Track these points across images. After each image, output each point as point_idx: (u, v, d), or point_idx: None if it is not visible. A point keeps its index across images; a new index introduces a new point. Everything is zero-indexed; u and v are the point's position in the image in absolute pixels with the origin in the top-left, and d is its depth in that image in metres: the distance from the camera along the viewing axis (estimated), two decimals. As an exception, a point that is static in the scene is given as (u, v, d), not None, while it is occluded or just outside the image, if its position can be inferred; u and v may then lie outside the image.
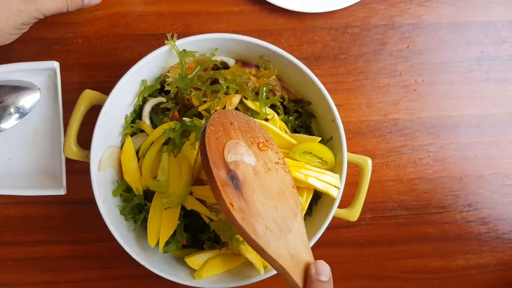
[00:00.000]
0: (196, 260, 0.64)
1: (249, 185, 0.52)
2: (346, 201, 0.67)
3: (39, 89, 0.73)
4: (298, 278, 0.50)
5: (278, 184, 0.55)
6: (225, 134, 0.54)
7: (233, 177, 0.51)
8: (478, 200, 0.81)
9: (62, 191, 0.73)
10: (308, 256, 0.52)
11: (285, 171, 0.57)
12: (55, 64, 0.72)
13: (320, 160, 0.63)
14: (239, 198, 0.50)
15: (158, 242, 0.62)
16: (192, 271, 0.64)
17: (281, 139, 0.62)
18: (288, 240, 0.51)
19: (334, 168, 0.64)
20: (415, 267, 0.81)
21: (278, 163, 0.57)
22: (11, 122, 0.72)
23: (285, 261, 0.50)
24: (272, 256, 0.49)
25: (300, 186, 0.62)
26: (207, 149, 0.51)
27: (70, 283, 0.77)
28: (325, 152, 0.62)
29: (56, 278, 0.77)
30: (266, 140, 0.57)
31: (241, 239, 0.61)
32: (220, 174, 0.50)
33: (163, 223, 0.61)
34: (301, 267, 0.51)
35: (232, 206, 0.49)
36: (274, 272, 0.62)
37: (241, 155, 0.54)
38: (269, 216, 0.52)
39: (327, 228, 0.63)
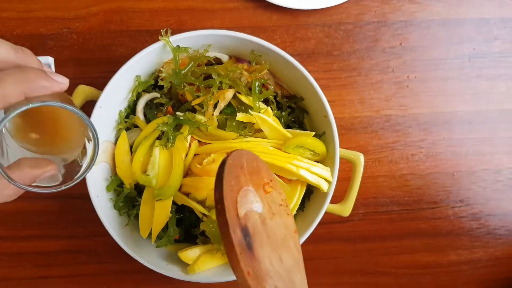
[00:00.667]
0: (189, 254, 0.64)
1: (258, 237, 0.48)
2: (339, 197, 0.67)
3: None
4: None
5: (281, 229, 0.52)
6: (237, 181, 0.49)
7: (246, 234, 0.48)
8: (470, 196, 0.82)
9: (56, 186, 0.73)
10: None
11: (288, 214, 0.54)
12: (50, 59, 0.72)
13: (312, 152, 0.63)
14: (252, 260, 0.46)
15: (150, 235, 0.63)
16: (186, 265, 0.65)
17: (276, 131, 0.63)
18: None
19: (327, 164, 0.64)
20: (407, 262, 0.82)
21: (281, 205, 0.53)
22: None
23: None
24: None
25: (292, 179, 0.62)
26: (226, 211, 0.46)
27: (64, 278, 0.78)
28: (318, 145, 0.63)
29: (50, 273, 0.78)
30: (271, 180, 0.54)
31: None
32: (237, 238, 0.46)
33: (155, 214, 0.61)
34: None
35: (249, 275, 0.45)
36: (267, 266, 0.63)
37: (250, 203, 0.50)
38: (276, 272, 0.48)
39: (320, 223, 0.63)
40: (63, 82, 0.42)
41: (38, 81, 0.40)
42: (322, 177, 0.62)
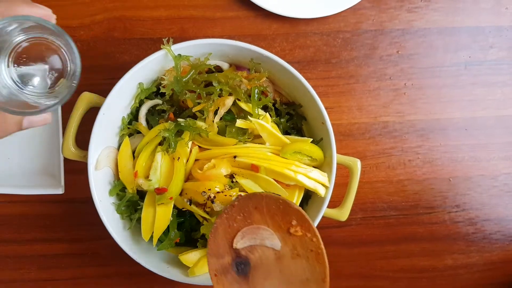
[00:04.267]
0: (189, 257, 0.66)
1: (263, 270, 0.53)
2: (337, 202, 0.69)
3: (38, 91, 0.75)
4: None
5: (304, 272, 0.54)
6: (244, 219, 0.54)
7: (241, 263, 0.53)
8: (466, 201, 0.83)
9: (60, 191, 0.74)
10: None
11: (318, 262, 0.54)
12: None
13: (310, 158, 0.65)
14: (239, 283, 0.52)
15: (152, 238, 0.64)
16: (186, 268, 0.66)
17: (275, 137, 0.64)
18: None
19: (324, 169, 0.66)
20: (404, 266, 0.83)
21: (313, 251, 0.54)
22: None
23: None
24: None
25: (290, 184, 0.64)
26: (209, 240, 0.55)
27: (67, 280, 0.79)
28: (315, 151, 0.64)
29: (53, 276, 0.79)
30: (301, 226, 0.54)
31: None
32: (216, 263, 0.54)
33: (156, 218, 0.63)
34: None
35: None
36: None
37: (261, 239, 0.54)
38: None
39: (319, 228, 0.64)
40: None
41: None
42: (320, 182, 0.64)
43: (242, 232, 0.54)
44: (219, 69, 0.69)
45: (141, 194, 0.67)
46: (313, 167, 0.65)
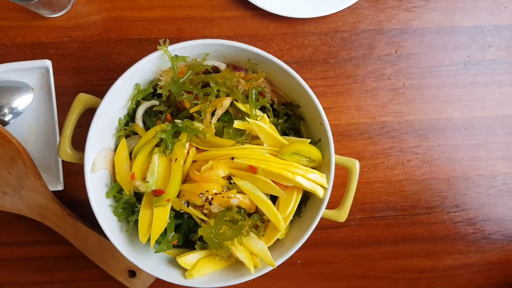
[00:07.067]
0: (187, 259, 0.65)
1: None
2: (335, 203, 0.68)
3: (32, 89, 0.75)
4: (36, 216, 0.72)
5: (7, 153, 0.69)
6: None
7: None
8: (465, 201, 0.82)
9: (59, 187, 0.74)
10: (45, 200, 0.71)
11: (7, 142, 0.69)
12: (48, 63, 0.73)
13: (308, 159, 0.64)
14: None
15: (149, 241, 0.63)
16: (184, 270, 0.65)
17: (273, 138, 0.64)
18: (23, 195, 0.71)
19: (323, 170, 0.65)
20: (403, 266, 0.83)
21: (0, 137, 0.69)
22: (5, 122, 0.74)
23: (24, 210, 0.72)
24: (11, 211, 0.71)
25: (288, 185, 0.63)
26: None
27: (65, 283, 0.79)
28: (313, 152, 0.64)
29: (51, 278, 0.79)
30: None
31: (230, 245, 0.63)
32: None
33: (154, 220, 0.62)
34: (38, 210, 0.72)
35: None
36: (265, 271, 0.64)
37: None
38: (5, 182, 0.70)
39: (318, 229, 0.64)
40: None
41: None
42: (318, 183, 0.63)
43: None
44: (216, 70, 0.68)
45: (138, 196, 0.67)
46: (312, 168, 0.65)
